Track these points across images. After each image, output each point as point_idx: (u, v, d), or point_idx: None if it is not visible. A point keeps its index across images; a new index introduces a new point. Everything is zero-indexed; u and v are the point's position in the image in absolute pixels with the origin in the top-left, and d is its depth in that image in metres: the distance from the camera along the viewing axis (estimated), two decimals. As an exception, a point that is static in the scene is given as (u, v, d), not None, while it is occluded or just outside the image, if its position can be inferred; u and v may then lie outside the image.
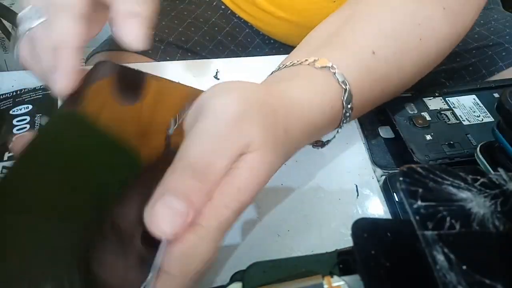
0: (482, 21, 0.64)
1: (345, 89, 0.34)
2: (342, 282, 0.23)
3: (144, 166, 0.29)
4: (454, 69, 0.61)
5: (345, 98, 0.34)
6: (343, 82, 0.34)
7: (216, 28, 0.63)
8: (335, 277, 0.23)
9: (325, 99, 0.33)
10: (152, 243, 0.24)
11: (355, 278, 0.24)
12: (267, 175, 0.28)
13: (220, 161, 0.26)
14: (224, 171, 0.26)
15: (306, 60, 0.35)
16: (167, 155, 0.28)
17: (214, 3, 0.65)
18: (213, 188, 0.25)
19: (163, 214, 0.23)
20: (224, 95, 0.28)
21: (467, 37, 0.62)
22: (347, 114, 0.35)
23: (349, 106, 0.35)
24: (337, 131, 0.37)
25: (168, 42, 0.59)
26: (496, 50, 0.60)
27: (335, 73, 0.34)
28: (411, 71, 0.39)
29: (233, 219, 0.26)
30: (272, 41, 0.68)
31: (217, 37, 0.63)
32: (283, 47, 0.68)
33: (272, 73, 0.37)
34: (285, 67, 0.36)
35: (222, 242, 0.25)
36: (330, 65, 0.34)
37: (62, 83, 0.30)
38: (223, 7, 0.65)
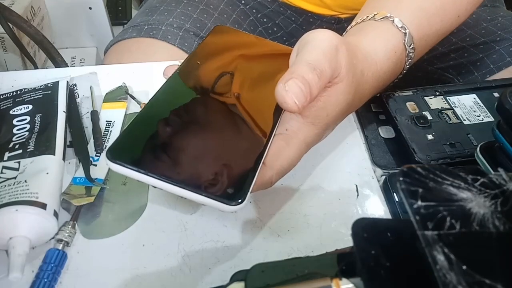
0: (489, 17, 0.63)
1: (405, 33, 0.39)
2: (350, 285, 0.22)
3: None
4: (462, 65, 0.61)
5: (406, 41, 0.39)
6: (402, 27, 0.39)
7: (225, 15, 0.64)
8: (344, 280, 0.23)
9: (388, 46, 0.38)
10: None
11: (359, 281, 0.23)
12: (343, 103, 0.34)
13: (329, 70, 0.31)
14: (328, 80, 0.31)
15: (367, 16, 0.40)
16: None
17: None
18: (320, 91, 0.31)
19: (294, 89, 0.29)
20: (323, 31, 0.33)
21: (475, 33, 0.62)
22: (411, 54, 0.40)
23: (411, 47, 0.39)
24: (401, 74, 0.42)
25: (185, 28, 0.61)
26: (504, 45, 0.59)
27: (393, 21, 0.39)
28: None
29: None
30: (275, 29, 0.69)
31: (226, 24, 0.64)
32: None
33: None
34: (351, 28, 0.41)
35: None
36: (388, 15, 0.39)
37: None
38: None
